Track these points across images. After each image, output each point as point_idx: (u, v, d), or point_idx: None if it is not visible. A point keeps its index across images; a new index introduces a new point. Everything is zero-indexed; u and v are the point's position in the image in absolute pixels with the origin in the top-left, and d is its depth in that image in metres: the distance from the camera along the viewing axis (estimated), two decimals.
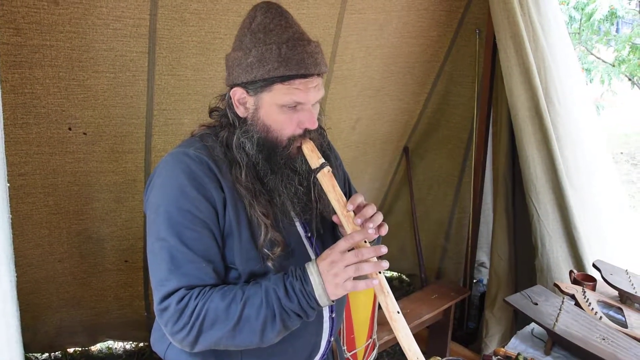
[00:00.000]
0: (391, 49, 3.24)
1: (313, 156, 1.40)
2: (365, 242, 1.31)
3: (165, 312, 1.30)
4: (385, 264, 1.27)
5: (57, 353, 3.36)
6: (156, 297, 1.32)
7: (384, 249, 1.27)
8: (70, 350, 3.41)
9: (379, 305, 1.31)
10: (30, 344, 3.11)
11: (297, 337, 1.45)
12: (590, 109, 3.25)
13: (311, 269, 1.29)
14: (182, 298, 1.29)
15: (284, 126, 1.38)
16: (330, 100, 3.18)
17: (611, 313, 2.12)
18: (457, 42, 3.47)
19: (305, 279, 1.29)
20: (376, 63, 3.25)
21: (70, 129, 2.45)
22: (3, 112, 2.20)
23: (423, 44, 3.36)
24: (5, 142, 2.28)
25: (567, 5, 6.61)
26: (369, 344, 2.78)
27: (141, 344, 3.54)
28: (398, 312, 1.29)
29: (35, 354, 3.32)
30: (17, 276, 2.83)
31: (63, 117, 2.40)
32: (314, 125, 1.40)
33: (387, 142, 3.84)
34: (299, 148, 1.41)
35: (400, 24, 3.14)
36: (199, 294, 1.29)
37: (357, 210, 1.36)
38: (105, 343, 3.53)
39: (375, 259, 1.28)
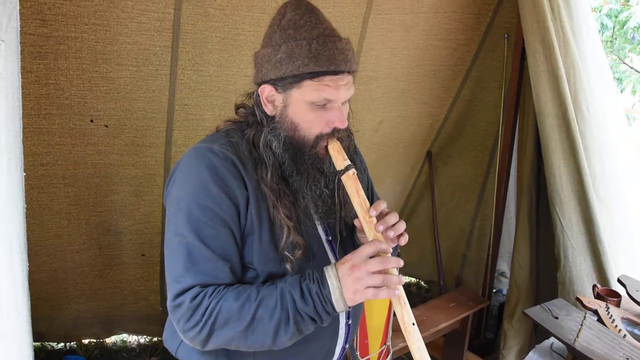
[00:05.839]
0: (417, 51, 3.19)
1: (339, 157, 1.36)
2: None
3: (179, 308, 1.28)
4: (403, 278, 1.26)
5: (72, 343, 3.39)
6: (170, 293, 1.30)
7: (401, 262, 1.25)
8: (85, 341, 3.45)
9: (395, 311, 1.28)
10: (46, 333, 3.16)
11: (312, 341, 1.43)
12: (621, 119, 3.16)
13: (329, 273, 1.26)
14: (196, 296, 1.26)
15: (313, 124, 1.35)
16: (354, 101, 3.08)
17: (636, 331, 2.05)
18: (484, 47, 3.40)
19: (322, 282, 1.25)
20: (401, 65, 3.20)
21: (92, 120, 2.47)
22: (27, 102, 2.25)
23: (450, 47, 3.31)
24: (28, 132, 2.34)
25: (600, 12, 6.46)
26: (383, 350, 2.74)
27: (155, 339, 3.55)
28: (413, 324, 1.25)
29: (51, 343, 3.36)
30: (36, 265, 2.87)
31: (85, 109, 2.42)
32: (343, 125, 1.36)
33: (410, 145, 3.79)
34: (327, 148, 1.38)
35: (427, 26, 3.09)
36: (213, 292, 1.27)
37: (379, 217, 1.33)
38: (119, 336, 3.56)
39: (396, 271, 1.25)
